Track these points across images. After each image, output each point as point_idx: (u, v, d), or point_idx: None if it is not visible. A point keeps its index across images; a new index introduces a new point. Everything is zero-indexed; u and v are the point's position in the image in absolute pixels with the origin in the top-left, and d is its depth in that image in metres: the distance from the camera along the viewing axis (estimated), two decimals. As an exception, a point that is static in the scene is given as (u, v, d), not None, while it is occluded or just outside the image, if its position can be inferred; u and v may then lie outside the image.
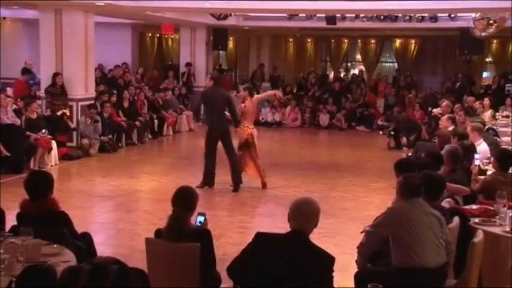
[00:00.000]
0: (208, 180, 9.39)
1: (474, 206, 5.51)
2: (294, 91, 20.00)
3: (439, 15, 15.44)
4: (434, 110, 12.71)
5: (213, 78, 9.50)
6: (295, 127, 18.06)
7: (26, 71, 13.80)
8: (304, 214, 3.68)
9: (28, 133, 10.69)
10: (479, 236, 4.51)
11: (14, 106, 11.52)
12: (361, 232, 4.58)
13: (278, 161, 11.91)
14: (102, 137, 12.56)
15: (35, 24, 13.28)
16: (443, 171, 5.96)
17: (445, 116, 9.68)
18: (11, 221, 4.57)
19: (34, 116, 11.01)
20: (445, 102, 11.84)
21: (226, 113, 9.28)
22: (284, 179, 10.19)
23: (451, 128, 8.77)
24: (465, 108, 11.69)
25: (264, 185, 9.55)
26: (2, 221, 4.61)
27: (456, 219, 4.82)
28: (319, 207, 3.75)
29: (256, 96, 9.82)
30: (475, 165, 6.91)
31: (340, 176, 10.81)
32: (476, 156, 7.07)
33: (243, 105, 9.45)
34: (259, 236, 3.74)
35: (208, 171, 9.39)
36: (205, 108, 9.66)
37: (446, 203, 5.28)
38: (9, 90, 14.49)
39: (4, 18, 16.91)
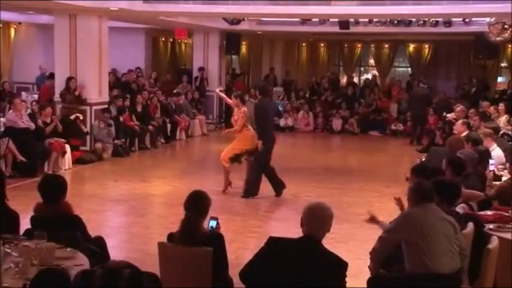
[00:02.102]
0: (255, 190, 9.32)
1: (489, 212, 5.46)
2: (307, 96, 20.00)
3: (453, 19, 15.35)
4: (448, 115, 12.63)
5: (261, 88, 9.51)
6: (307, 132, 18.04)
7: (52, 76, 13.89)
8: (318, 219, 3.67)
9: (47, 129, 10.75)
10: (494, 242, 4.47)
11: (29, 110, 11.63)
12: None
13: (290, 165, 11.90)
14: (115, 141, 12.62)
15: (49, 29, 13.40)
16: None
17: (460, 121, 9.62)
18: (25, 224, 4.60)
19: (48, 120, 11.08)
20: (459, 107, 11.76)
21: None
22: (296, 184, 10.16)
23: (465, 133, 8.71)
24: (480, 113, 11.61)
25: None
26: (16, 224, 4.64)
27: (470, 225, 4.78)
28: (333, 212, 3.74)
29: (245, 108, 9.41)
30: (490, 171, 6.86)
31: (352, 181, 10.77)
32: (491, 161, 7.01)
33: (242, 110, 9.28)
34: (272, 240, 3.73)
35: (258, 181, 9.31)
36: (265, 121, 9.28)
37: (460, 209, 5.24)
38: (24, 95, 14.65)
39: (19, 23, 17.07)
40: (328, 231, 3.70)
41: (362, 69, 23.09)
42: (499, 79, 20.61)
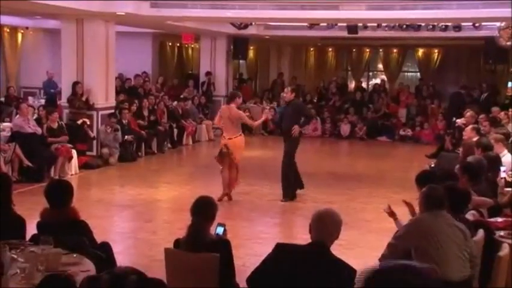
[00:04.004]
0: (293, 193, 9.48)
1: (499, 219, 5.43)
2: (315, 100, 19.99)
3: (463, 24, 15.31)
4: (458, 120, 12.58)
5: (294, 90, 9.64)
6: (315, 137, 18.01)
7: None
8: (326, 225, 3.66)
9: (50, 139, 10.79)
10: (504, 250, 4.44)
11: (35, 115, 11.68)
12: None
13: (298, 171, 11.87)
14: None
15: (56, 34, 13.46)
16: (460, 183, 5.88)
17: (470, 127, 9.58)
18: (31, 229, 4.61)
19: (55, 125, 11.12)
20: (469, 113, 11.71)
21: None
22: (304, 190, 10.14)
23: (475, 139, 8.67)
24: (490, 118, 11.56)
25: (222, 196, 9.28)
26: (23, 229, 4.65)
27: (481, 232, 4.75)
28: (341, 219, 3.73)
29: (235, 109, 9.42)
30: (501, 178, 6.81)
31: (360, 187, 10.74)
32: (502, 168, 6.97)
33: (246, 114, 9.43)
34: (279, 246, 3.72)
35: (292, 181, 9.45)
36: (294, 119, 9.43)
37: (470, 216, 5.21)
38: (31, 100, 14.72)
39: (27, 28, 17.17)
40: (337, 238, 3.69)
41: (370, 74, 23.06)
42: (510, 84, 20.48)
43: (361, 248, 6.99)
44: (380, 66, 22.61)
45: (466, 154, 7.29)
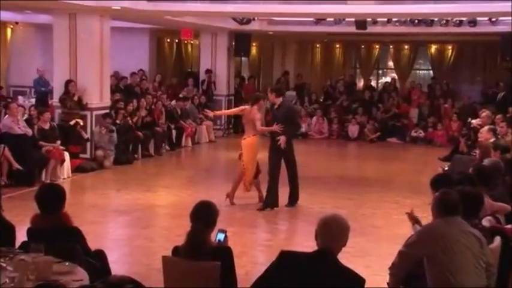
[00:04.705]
0: (295, 197, 9.50)
1: (517, 225, 5.42)
2: (321, 100, 19.99)
3: (478, 19, 15.31)
4: (473, 121, 12.57)
5: (274, 91, 9.52)
6: (321, 139, 18.02)
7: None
8: (333, 232, 3.66)
9: (41, 143, 10.82)
10: (522, 258, 4.43)
11: (26, 116, 11.70)
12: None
13: (303, 175, 11.83)
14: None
15: (48, 30, 13.49)
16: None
17: (486, 128, 9.58)
18: (21, 236, 4.62)
19: (47, 126, 11.14)
20: (485, 113, 11.70)
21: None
22: (310, 194, 10.14)
23: (492, 141, 8.66)
24: (507, 119, 11.55)
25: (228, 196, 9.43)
26: (12, 236, 4.66)
27: (498, 240, 4.74)
28: (349, 225, 3.73)
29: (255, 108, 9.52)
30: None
31: (370, 192, 10.74)
32: (520, 172, 6.95)
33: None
34: (283, 254, 3.72)
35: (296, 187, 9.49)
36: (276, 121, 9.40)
37: (486, 222, 5.20)
38: (21, 99, 14.75)
39: (16, 23, 17.21)
40: (344, 245, 3.69)
41: (380, 72, 23.07)
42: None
43: (370, 256, 6.98)
44: (390, 63, 22.61)
45: (483, 156, 7.28)
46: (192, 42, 20.59)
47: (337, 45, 22.46)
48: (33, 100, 14.79)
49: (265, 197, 9.26)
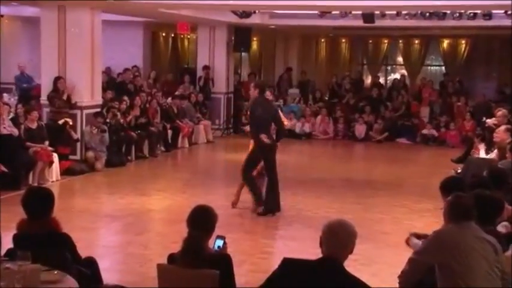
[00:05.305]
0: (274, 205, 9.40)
1: (534, 232, 5.41)
2: (326, 98, 20.00)
3: (493, 11, 15.31)
4: (488, 120, 12.57)
5: (259, 86, 9.50)
6: (326, 139, 18.03)
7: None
8: (339, 238, 3.66)
9: (28, 144, 10.82)
10: (540, 266, 4.43)
11: (12, 114, 11.69)
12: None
13: (307, 177, 11.90)
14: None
15: (35, 23, 13.50)
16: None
17: (502, 127, 9.57)
18: (7, 243, 4.61)
19: (34, 125, 11.14)
20: (500, 112, 11.69)
21: None
22: (314, 198, 10.16)
23: (508, 141, 8.66)
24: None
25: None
26: (-3, 243, 4.66)
27: (514, 247, 4.75)
28: (356, 231, 3.73)
29: None
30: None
31: (377, 195, 10.76)
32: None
33: None
34: (286, 262, 3.72)
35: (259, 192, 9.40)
36: (251, 121, 9.50)
37: (502, 228, 5.20)
38: (6, 97, 14.74)
39: (2, 16, 17.20)
40: (351, 252, 3.69)
41: (389, 68, 23.07)
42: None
43: (378, 264, 6.99)
44: (400, 59, 22.64)
45: (501, 158, 7.28)
46: (188, 36, 20.60)
47: (343, 40, 22.47)
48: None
49: (265, 201, 9.27)
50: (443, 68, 21.78)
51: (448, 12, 15.69)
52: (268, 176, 9.28)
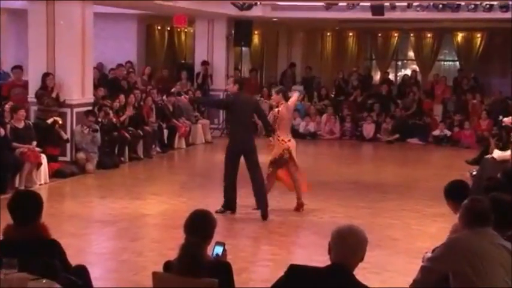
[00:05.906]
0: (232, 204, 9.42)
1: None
2: (332, 96, 19.99)
3: (511, 3, 15.31)
4: (504, 119, 12.58)
5: (237, 81, 9.62)
6: (333, 139, 18.03)
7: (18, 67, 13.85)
8: (349, 245, 3.65)
9: (15, 144, 10.80)
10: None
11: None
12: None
13: (312, 180, 11.85)
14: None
15: (23, 16, 13.50)
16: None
17: (519, 126, 9.58)
18: (-8, 250, 4.62)
19: (21, 125, 11.14)
20: (517, 110, 11.72)
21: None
22: (320, 202, 10.16)
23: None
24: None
25: (298, 207, 9.56)
26: (-18, 250, 4.66)
27: (533, 254, 4.73)
28: (367, 237, 3.72)
29: (291, 100, 9.77)
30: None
31: (387, 199, 10.75)
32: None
33: (276, 110, 9.55)
34: (293, 269, 3.72)
35: (229, 194, 9.42)
36: (228, 117, 9.72)
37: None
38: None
39: (-13, 8, 17.25)
40: (362, 260, 3.68)
41: (399, 63, 23.08)
42: None
43: (388, 272, 6.98)
44: (411, 54, 22.64)
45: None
46: (185, 30, 20.61)
47: (351, 34, 22.48)
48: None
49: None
50: (457, 63, 21.79)
51: (463, 3, 15.71)
52: (253, 176, 9.29)
